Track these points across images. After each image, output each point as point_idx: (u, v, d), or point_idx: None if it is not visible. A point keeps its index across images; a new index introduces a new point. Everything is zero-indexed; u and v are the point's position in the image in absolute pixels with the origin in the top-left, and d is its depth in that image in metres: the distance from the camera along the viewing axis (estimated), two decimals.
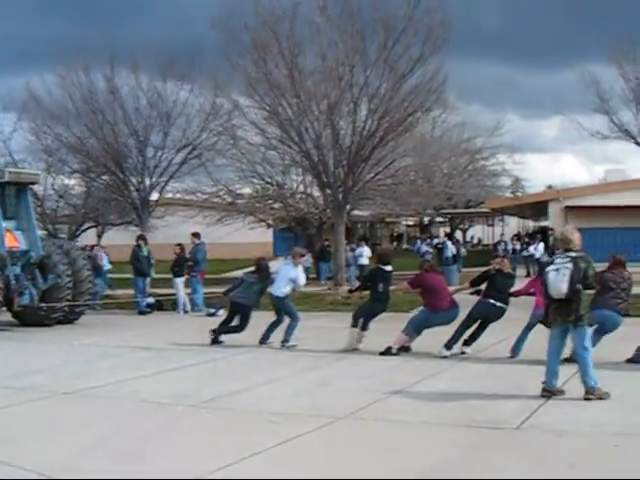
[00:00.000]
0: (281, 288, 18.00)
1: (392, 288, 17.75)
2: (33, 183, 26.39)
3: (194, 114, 38.91)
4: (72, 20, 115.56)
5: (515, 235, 52.29)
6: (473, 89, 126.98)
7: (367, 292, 17.94)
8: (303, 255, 20.20)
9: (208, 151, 38.24)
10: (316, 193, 37.19)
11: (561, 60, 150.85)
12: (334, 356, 16.14)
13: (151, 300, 27.32)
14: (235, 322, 18.60)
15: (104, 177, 40.75)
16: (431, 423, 10.21)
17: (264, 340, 18.04)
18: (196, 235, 27.61)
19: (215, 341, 18.20)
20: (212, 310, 25.21)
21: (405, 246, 78.38)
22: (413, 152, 37.40)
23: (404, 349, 16.19)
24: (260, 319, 18.62)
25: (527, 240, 47.07)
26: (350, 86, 31.03)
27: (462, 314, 16.17)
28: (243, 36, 31.52)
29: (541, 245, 41.76)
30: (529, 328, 15.33)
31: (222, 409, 11.28)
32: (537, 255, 41.27)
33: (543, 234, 47.61)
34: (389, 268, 17.22)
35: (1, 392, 12.68)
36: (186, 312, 26.49)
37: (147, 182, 39.01)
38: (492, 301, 15.67)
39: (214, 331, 18.31)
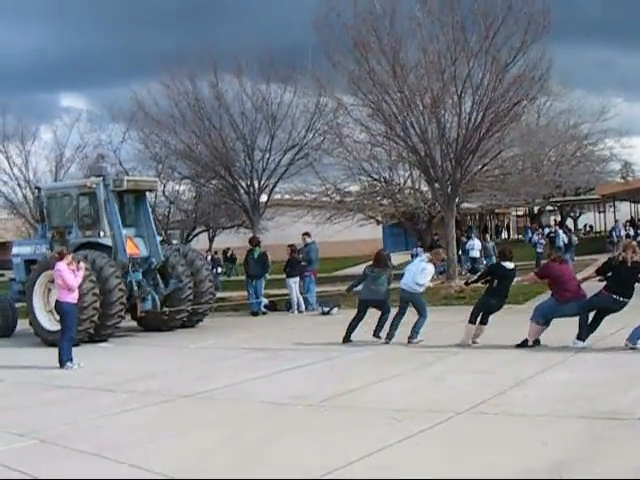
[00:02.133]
0: (416, 282, 17.88)
1: (518, 279, 17.75)
2: (151, 190, 27.08)
3: (299, 115, 39.23)
4: (173, 30, 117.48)
5: (628, 221, 51.35)
6: (576, 74, 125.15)
7: (480, 285, 17.98)
8: (443, 259, 20.35)
9: (315, 151, 38.54)
10: (424, 187, 37.17)
11: None
12: (449, 351, 16.11)
13: (265, 301, 27.58)
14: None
15: (213, 182, 41.42)
16: (552, 415, 10.14)
17: (390, 338, 17.96)
18: (307, 234, 27.83)
19: (347, 339, 18.34)
20: (326, 309, 25.41)
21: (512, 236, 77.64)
22: (520, 142, 37.01)
23: (536, 342, 15.99)
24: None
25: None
26: (453, 78, 30.88)
27: None
28: (343, 35, 31.65)
29: None
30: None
31: (341, 407, 11.38)
32: None
33: None
34: (510, 265, 16.97)
35: (124, 396, 13.04)
36: (300, 312, 26.66)
37: (256, 184, 39.48)
38: (615, 296, 15.25)
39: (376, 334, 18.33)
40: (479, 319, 16.84)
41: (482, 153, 32.16)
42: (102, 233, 22.68)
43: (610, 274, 15.63)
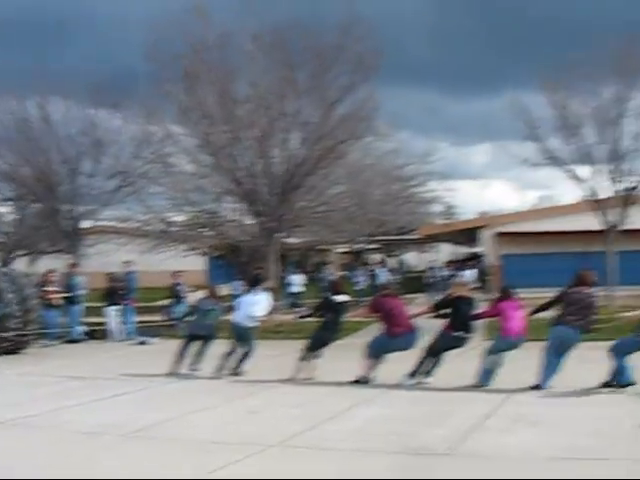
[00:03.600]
0: (249, 316, 17.69)
1: (349, 314, 17.57)
2: None
3: (126, 141, 38.78)
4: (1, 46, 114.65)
5: (448, 262, 52.61)
6: (404, 116, 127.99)
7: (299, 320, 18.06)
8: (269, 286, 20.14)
9: (141, 179, 38.11)
10: (248, 221, 37.22)
11: (488, 87, 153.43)
12: (265, 385, 16.12)
13: (82, 329, 27.05)
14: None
15: (36, 204, 40.45)
16: (363, 450, 10.27)
17: (221, 370, 17.68)
18: (128, 263, 27.52)
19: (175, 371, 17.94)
20: (144, 339, 25.13)
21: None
22: (346, 179, 37.55)
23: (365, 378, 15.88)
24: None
25: (458, 266, 47.46)
26: (281, 114, 31.19)
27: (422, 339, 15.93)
28: (175, 64, 31.54)
29: (470, 272, 42.12)
30: (494, 352, 15.18)
31: (152, 438, 11.25)
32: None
33: (474, 260, 48.08)
34: (341, 298, 16.88)
35: None
36: (119, 341, 26.29)
37: (79, 210, 38.74)
38: (456, 333, 15.36)
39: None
40: (310, 356, 16.72)
41: (307, 189, 32.50)
42: None
43: (450, 312, 15.62)
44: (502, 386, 14.59)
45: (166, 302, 29.09)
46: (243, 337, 17.80)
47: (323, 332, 16.76)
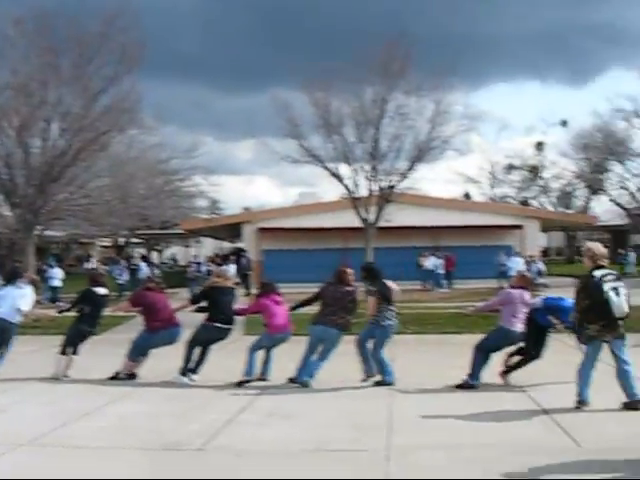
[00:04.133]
0: (18, 309, 15.93)
1: (112, 308, 16.98)
2: None
3: None
4: None
5: (210, 256, 52.68)
6: (170, 110, 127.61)
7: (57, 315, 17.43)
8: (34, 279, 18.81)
9: None
10: (7, 212, 36.11)
11: (254, 84, 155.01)
12: (17, 382, 15.60)
13: None
14: None
15: None
16: (115, 447, 10.10)
17: None
18: None
19: None
20: None
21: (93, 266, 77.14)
22: (108, 172, 37.09)
23: (130, 376, 15.35)
24: None
25: (220, 262, 47.63)
26: (42, 103, 30.44)
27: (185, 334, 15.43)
28: None
29: (232, 267, 42.35)
30: (256, 350, 14.88)
31: None
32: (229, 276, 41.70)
33: (237, 255, 48.37)
34: (102, 291, 16.24)
35: None
36: None
37: None
38: (218, 324, 15.02)
39: None
40: (70, 351, 15.90)
41: (68, 181, 31.86)
42: None
43: (209, 303, 15.32)
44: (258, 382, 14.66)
45: None
46: (5, 333, 16.99)
47: (81, 325, 16.06)
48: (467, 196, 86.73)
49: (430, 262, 42.76)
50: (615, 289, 11.59)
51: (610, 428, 10.64)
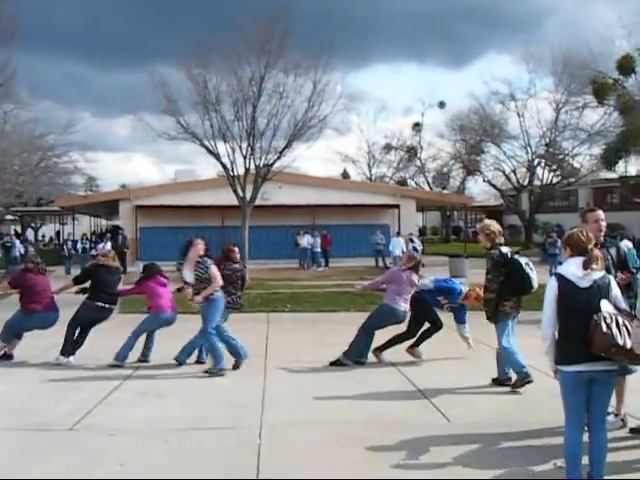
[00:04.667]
0: None
1: None
2: None
3: None
4: None
5: (84, 234, 52.03)
6: (46, 86, 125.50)
7: None
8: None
9: None
10: None
11: (132, 60, 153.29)
12: None
13: None
14: None
15: None
16: None
17: None
18: None
19: None
20: None
21: None
22: None
23: (7, 357, 14.90)
24: None
25: (95, 239, 47.21)
26: None
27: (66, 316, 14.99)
28: None
29: (108, 244, 41.98)
30: (141, 334, 14.68)
31: None
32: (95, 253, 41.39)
33: (113, 233, 47.98)
34: None
35: None
36: None
37: None
38: (100, 304, 14.73)
39: None
40: None
41: None
42: None
43: (91, 282, 15.00)
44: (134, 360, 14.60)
45: None
46: None
47: None
48: (345, 175, 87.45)
49: (305, 240, 43.09)
50: (528, 264, 11.76)
51: (481, 405, 10.97)
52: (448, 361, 14.17)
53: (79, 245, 45.33)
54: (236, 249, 15.09)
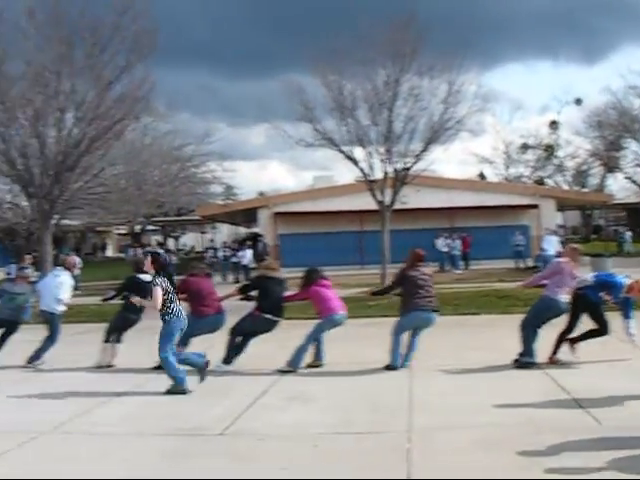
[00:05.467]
0: (57, 299, 16.43)
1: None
2: None
3: None
4: None
5: (226, 242, 52.73)
6: (182, 98, 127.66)
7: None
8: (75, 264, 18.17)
9: None
10: (23, 203, 36.22)
11: (264, 69, 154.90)
12: (37, 371, 15.67)
13: None
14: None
15: None
16: (136, 433, 10.26)
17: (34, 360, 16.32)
18: None
19: None
20: None
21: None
22: (123, 160, 37.23)
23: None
24: None
25: (236, 247, 47.79)
26: (56, 93, 30.57)
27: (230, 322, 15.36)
28: None
29: (249, 252, 42.50)
30: (314, 338, 14.89)
31: None
32: (244, 262, 41.97)
33: (253, 241, 48.51)
34: (147, 278, 15.55)
35: None
36: None
37: None
38: (268, 316, 14.90)
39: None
40: (113, 339, 16.02)
41: (83, 170, 31.99)
42: None
43: (259, 293, 15.19)
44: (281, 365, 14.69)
45: None
46: (49, 323, 16.63)
47: (126, 313, 16.10)
48: (482, 176, 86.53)
49: (444, 243, 42.84)
50: None
51: (635, 407, 10.70)
52: (599, 363, 13.84)
53: (220, 253, 46.01)
54: (422, 252, 15.08)
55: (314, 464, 8.67)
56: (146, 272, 15.60)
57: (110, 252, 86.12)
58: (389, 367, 14.16)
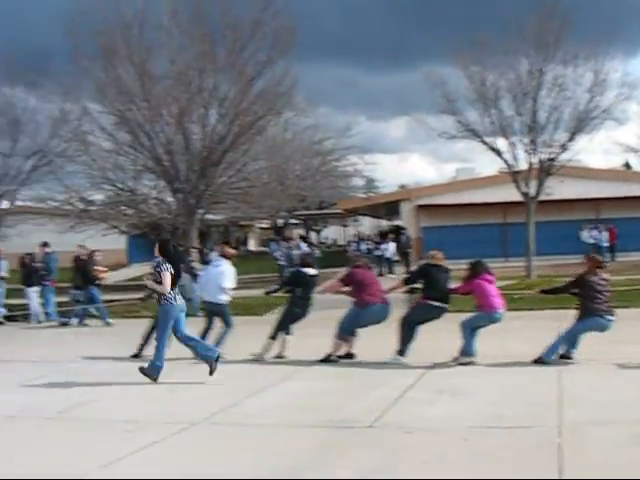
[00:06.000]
0: (221, 287, 16.46)
1: (319, 289, 16.78)
2: None
3: (43, 120, 38.20)
4: None
5: (368, 235, 52.83)
6: (321, 92, 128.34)
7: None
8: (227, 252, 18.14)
9: (58, 158, 37.59)
10: (168, 198, 36.93)
11: (403, 61, 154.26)
12: (186, 362, 15.91)
13: (2, 311, 26.49)
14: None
15: None
16: (286, 425, 10.30)
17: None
18: (45, 244, 27.05)
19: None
20: (65, 319, 24.77)
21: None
22: (265, 155, 37.62)
23: (348, 356, 15.40)
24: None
25: (378, 240, 47.76)
26: (200, 90, 31.11)
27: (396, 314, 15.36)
28: (92, 41, 31.27)
29: (392, 245, 42.39)
30: (471, 329, 14.77)
31: (76, 419, 11.08)
32: (387, 255, 41.90)
33: (395, 233, 48.39)
34: (312, 272, 16.19)
35: None
36: (40, 322, 25.79)
37: None
38: (436, 303, 14.86)
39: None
40: (281, 334, 16.06)
41: (227, 165, 32.48)
42: None
43: (424, 282, 15.20)
44: (429, 358, 14.65)
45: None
46: (217, 315, 16.84)
47: (294, 307, 16.08)
48: (627, 166, 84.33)
49: (589, 235, 42.04)
50: None
51: None
52: None
53: (363, 246, 46.07)
54: (600, 257, 15.04)
55: (465, 458, 8.54)
56: (311, 266, 15.80)
57: (252, 246, 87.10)
58: (539, 360, 13.90)
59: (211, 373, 13.48)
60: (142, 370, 13.57)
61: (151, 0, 31.93)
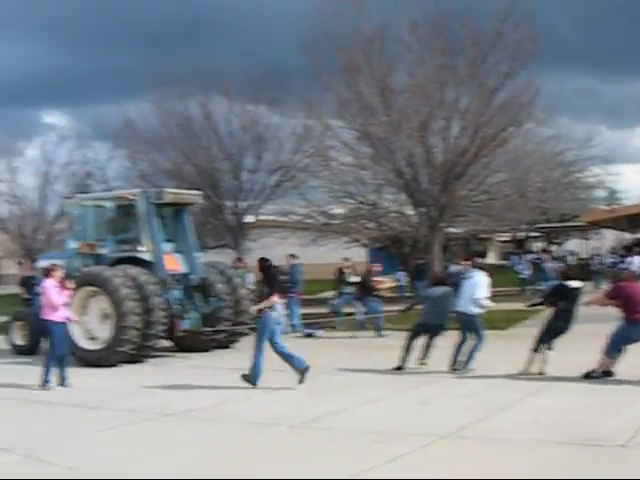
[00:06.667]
0: (472, 301, 16.40)
1: (585, 301, 16.18)
2: (192, 204, 24.40)
3: (286, 137, 39.27)
4: (164, 49, 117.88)
5: (613, 248, 51.34)
6: (560, 101, 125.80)
7: None
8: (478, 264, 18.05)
9: (301, 173, 38.51)
10: (409, 211, 37.11)
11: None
12: (434, 375, 15.91)
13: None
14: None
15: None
16: (533, 440, 10.09)
17: (455, 364, 16.47)
18: (292, 256, 27.65)
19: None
20: (310, 331, 25.21)
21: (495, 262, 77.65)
22: (506, 167, 37.20)
23: (607, 374, 14.79)
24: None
25: (623, 253, 46.24)
26: (440, 103, 31.14)
27: None
28: (333, 58, 31.89)
29: (637, 258, 40.93)
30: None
31: (324, 429, 11.27)
32: (633, 268, 40.46)
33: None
34: (575, 284, 15.83)
35: (107, 414, 12.89)
36: (286, 333, 26.13)
37: (242, 205, 39.48)
38: None
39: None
40: (543, 347, 15.74)
41: (469, 178, 32.34)
42: (142, 247, 21.17)
43: None
44: None
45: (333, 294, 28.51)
46: (468, 327, 16.65)
47: (557, 321, 15.72)
48: None
49: None
50: None
51: None
52: None
53: (607, 260, 44.84)
54: None
55: None
56: (574, 278, 15.66)
57: (492, 259, 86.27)
58: None
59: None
60: (244, 377, 14.91)
61: (391, 15, 32.22)
